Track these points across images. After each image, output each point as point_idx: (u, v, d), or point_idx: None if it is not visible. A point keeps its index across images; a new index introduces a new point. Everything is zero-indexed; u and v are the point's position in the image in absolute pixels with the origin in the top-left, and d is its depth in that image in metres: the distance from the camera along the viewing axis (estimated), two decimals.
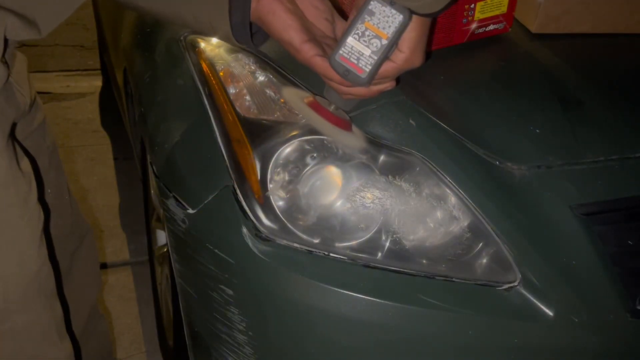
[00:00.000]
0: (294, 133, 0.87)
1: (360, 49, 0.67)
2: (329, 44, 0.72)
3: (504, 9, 1.01)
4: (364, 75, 0.68)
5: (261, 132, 0.89)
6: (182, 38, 1.09)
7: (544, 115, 0.91)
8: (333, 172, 0.86)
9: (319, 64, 0.69)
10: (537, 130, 0.89)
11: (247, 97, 0.94)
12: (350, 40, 0.67)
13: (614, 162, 0.87)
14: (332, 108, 0.78)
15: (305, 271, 0.83)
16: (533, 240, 0.83)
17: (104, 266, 1.93)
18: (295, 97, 0.87)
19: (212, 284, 0.92)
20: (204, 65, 1.01)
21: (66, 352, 0.87)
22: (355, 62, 0.67)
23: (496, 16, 1.01)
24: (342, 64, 0.67)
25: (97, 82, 3.17)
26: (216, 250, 0.89)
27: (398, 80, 0.76)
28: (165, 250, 1.50)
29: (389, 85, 0.73)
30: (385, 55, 0.67)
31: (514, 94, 0.95)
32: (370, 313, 0.82)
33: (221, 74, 0.98)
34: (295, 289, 0.84)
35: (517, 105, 0.93)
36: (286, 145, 0.87)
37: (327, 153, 0.86)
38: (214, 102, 0.95)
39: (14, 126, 0.79)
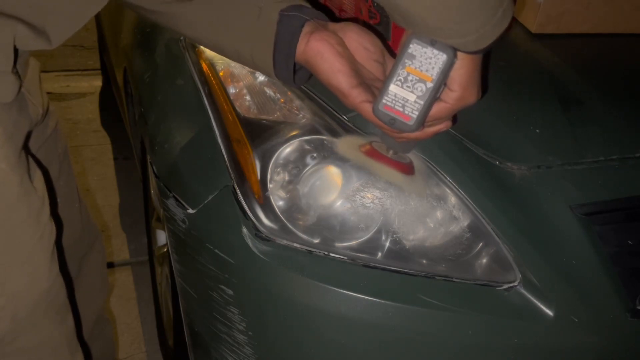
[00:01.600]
0: (294, 133, 0.87)
1: (405, 95, 0.64)
2: (379, 87, 0.68)
3: None
4: (411, 122, 0.64)
5: (261, 132, 0.89)
6: (182, 38, 1.09)
7: (544, 115, 0.91)
8: (333, 172, 0.86)
9: (367, 110, 0.66)
10: (537, 130, 0.89)
11: (247, 97, 0.94)
12: (392, 87, 0.64)
13: (614, 162, 0.87)
14: (390, 153, 0.75)
15: (305, 271, 0.83)
16: (533, 240, 0.83)
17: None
18: (351, 146, 0.83)
19: (212, 284, 0.92)
20: (204, 65, 1.01)
21: None
22: (401, 109, 0.64)
23: None
24: (387, 113, 0.64)
25: (97, 82, 3.17)
26: (216, 250, 0.89)
27: (455, 118, 0.73)
28: (165, 250, 1.50)
29: (444, 126, 0.70)
30: (433, 97, 0.64)
31: (514, 94, 0.95)
32: (370, 313, 0.82)
33: (221, 73, 0.98)
34: (295, 289, 0.84)
35: (517, 106, 0.92)
36: (286, 145, 0.87)
37: (327, 153, 0.86)
38: (214, 102, 0.95)
39: (27, 137, 0.76)
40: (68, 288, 1.02)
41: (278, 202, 0.86)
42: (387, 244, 0.84)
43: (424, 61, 0.62)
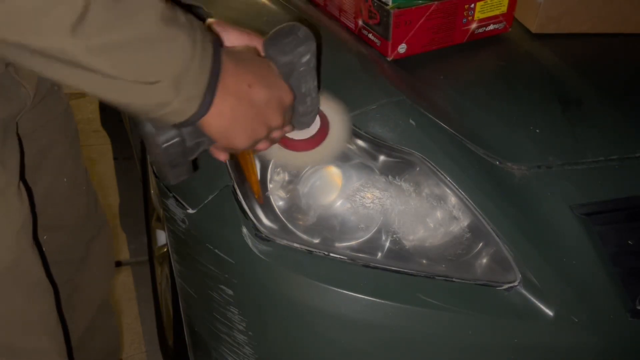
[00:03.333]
0: None
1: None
2: None
3: (504, 8, 1.01)
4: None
5: None
6: None
7: (544, 115, 0.91)
8: (333, 172, 0.86)
9: None
10: (537, 130, 0.89)
11: None
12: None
13: (614, 162, 0.87)
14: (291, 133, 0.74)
15: (305, 271, 0.83)
16: (533, 240, 0.83)
17: None
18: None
19: (212, 284, 0.92)
20: None
21: (51, 344, 0.86)
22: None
23: (496, 16, 1.01)
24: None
25: None
26: (216, 250, 0.89)
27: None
28: (165, 250, 1.50)
29: (262, 147, 0.69)
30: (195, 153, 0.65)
31: (514, 94, 0.95)
32: (370, 313, 0.82)
33: None
34: (295, 289, 0.84)
35: (517, 105, 0.92)
36: None
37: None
38: None
39: (11, 119, 0.78)
40: (70, 268, 1.03)
41: (278, 202, 0.86)
42: (387, 244, 0.84)
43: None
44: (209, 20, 0.70)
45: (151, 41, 0.52)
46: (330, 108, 0.77)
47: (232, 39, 0.67)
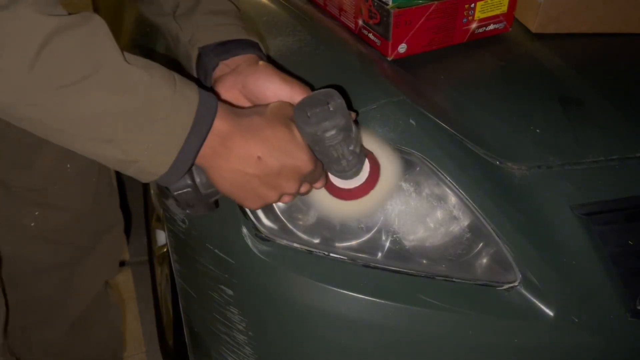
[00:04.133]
0: None
1: None
2: None
3: (504, 8, 1.01)
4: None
5: None
6: None
7: (544, 115, 0.91)
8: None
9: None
10: (538, 130, 0.89)
11: None
12: None
13: (614, 162, 0.87)
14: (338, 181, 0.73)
15: (305, 271, 0.83)
16: (533, 240, 0.83)
17: None
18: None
19: (212, 284, 0.92)
20: None
21: None
22: None
23: (496, 16, 1.01)
24: None
25: None
26: (216, 250, 0.89)
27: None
28: (165, 250, 1.50)
29: (286, 200, 0.68)
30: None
31: (514, 94, 0.95)
32: (370, 313, 0.82)
33: None
34: (295, 289, 0.84)
35: (517, 105, 0.92)
36: None
37: None
38: None
39: None
40: (70, 252, 1.07)
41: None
42: (387, 244, 0.84)
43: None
44: (260, 62, 0.69)
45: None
46: (380, 150, 0.75)
47: (273, 87, 0.66)
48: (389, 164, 0.75)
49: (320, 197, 0.75)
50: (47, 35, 0.47)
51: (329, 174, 0.72)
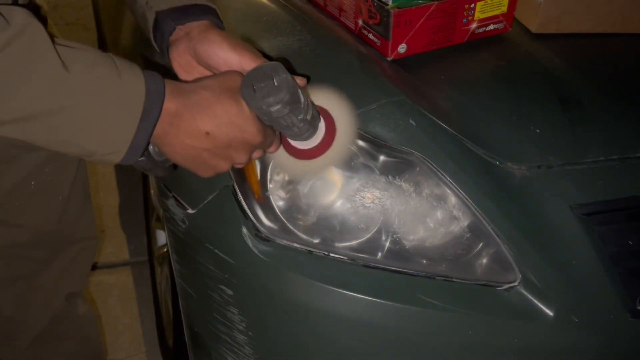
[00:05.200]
0: None
1: None
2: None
3: (504, 8, 1.01)
4: None
5: None
6: None
7: (544, 115, 0.91)
8: (333, 172, 0.86)
9: None
10: (538, 130, 0.89)
11: None
12: None
13: (614, 162, 0.87)
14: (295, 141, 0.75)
15: (305, 271, 0.83)
16: (533, 240, 0.83)
17: (104, 266, 1.94)
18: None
19: (212, 284, 0.92)
20: None
21: None
22: None
23: (496, 16, 1.01)
24: None
25: None
26: (216, 250, 0.89)
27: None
28: (165, 250, 1.50)
29: (239, 166, 0.71)
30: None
31: (514, 94, 0.95)
32: (370, 313, 0.82)
33: None
34: (295, 289, 0.84)
35: (517, 105, 0.92)
36: None
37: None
38: None
39: None
40: (28, 267, 1.00)
41: (278, 202, 0.86)
42: (387, 244, 0.84)
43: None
44: (212, 29, 0.70)
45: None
46: (337, 110, 0.75)
47: (223, 54, 0.68)
48: (344, 122, 0.75)
49: (278, 157, 0.76)
50: None
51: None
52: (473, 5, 0.97)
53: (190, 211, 0.93)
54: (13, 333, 1.07)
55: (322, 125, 0.73)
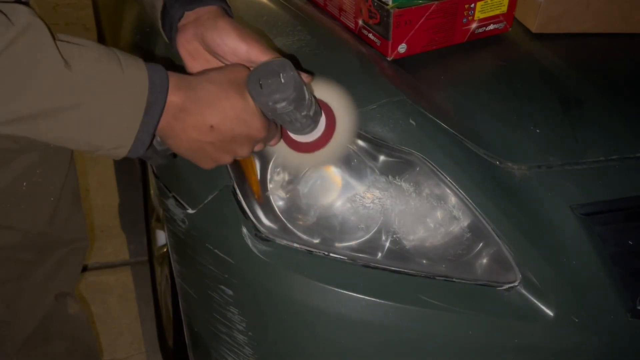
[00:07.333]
0: None
1: None
2: None
3: (504, 8, 1.01)
4: None
5: None
6: None
7: (544, 115, 0.91)
8: (333, 172, 0.86)
9: None
10: (538, 130, 0.89)
11: None
12: None
13: (614, 162, 0.87)
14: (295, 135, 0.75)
15: (305, 271, 0.83)
16: (533, 240, 0.83)
17: (104, 266, 1.94)
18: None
19: (212, 284, 0.91)
20: None
21: None
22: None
23: (496, 16, 1.01)
24: None
25: None
26: (216, 250, 0.89)
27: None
28: (165, 250, 1.50)
29: (241, 158, 0.71)
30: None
31: (514, 94, 0.95)
32: (370, 313, 0.82)
33: None
34: (295, 289, 0.84)
35: (517, 105, 0.92)
36: None
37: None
38: None
39: None
40: (17, 269, 0.98)
41: (278, 202, 0.86)
42: (387, 244, 0.84)
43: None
44: (222, 17, 0.70)
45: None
46: (338, 105, 0.75)
47: (231, 44, 0.68)
48: (345, 116, 0.75)
49: (278, 149, 0.77)
50: None
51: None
52: (473, 5, 0.97)
53: (190, 211, 0.93)
54: (3, 334, 1.06)
55: (322, 119, 0.73)
